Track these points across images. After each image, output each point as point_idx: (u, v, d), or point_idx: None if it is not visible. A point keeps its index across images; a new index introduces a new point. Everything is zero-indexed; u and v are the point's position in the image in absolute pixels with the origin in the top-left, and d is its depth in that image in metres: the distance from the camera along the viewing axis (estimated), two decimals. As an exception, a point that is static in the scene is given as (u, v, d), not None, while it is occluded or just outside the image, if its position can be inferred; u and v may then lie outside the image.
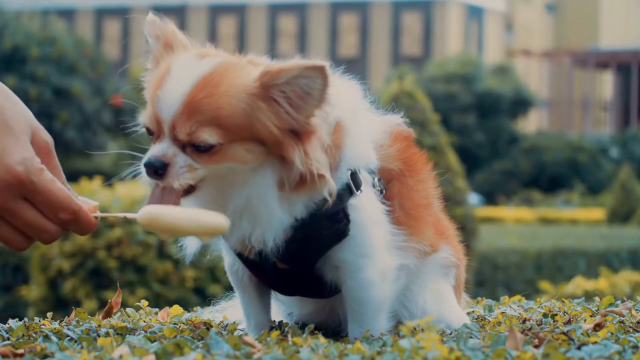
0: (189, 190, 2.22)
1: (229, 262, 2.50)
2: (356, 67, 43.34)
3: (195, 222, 2.17)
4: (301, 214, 2.27)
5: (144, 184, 2.26)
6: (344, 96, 2.31)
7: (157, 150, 2.21)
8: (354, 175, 2.33)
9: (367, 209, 2.35)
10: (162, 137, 2.21)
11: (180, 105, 2.17)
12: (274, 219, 2.25)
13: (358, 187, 2.33)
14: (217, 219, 2.18)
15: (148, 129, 2.25)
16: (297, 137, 2.20)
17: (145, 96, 2.29)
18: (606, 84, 51.79)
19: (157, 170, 2.19)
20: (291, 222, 2.27)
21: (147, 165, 2.20)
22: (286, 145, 2.19)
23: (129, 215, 2.24)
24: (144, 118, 2.26)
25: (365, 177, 2.36)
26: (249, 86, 2.19)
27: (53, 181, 2.16)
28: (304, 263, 2.36)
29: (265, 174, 2.23)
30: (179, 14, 50.63)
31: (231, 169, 2.21)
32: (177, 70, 2.22)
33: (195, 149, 2.18)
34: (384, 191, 2.40)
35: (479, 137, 37.69)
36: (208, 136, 2.16)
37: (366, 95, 2.45)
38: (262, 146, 2.20)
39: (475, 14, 51.59)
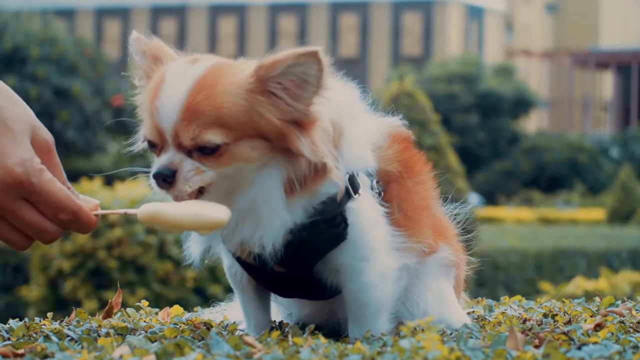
0: (199, 192, 2.21)
1: (227, 264, 2.50)
2: (356, 67, 43.29)
3: (194, 216, 2.16)
4: (301, 218, 2.26)
5: (155, 194, 2.25)
6: (341, 98, 2.30)
7: (163, 160, 2.20)
8: (351, 178, 2.32)
9: (366, 212, 2.34)
10: (165, 147, 2.20)
11: (180, 112, 2.16)
12: (276, 222, 2.24)
13: (356, 190, 2.32)
14: (217, 213, 2.17)
15: (150, 142, 2.24)
16: (301, 127, 2.19)
17: (142, 110, 2.28)
18: (606, 84, 51.73)
19: (166, 178, 2.18)
20: (291, 227, 2.26)
21: (156, 176, 2.19)
22: (291, 137, 2.18)
23: (130, 211, 2.23)
24: (144, 131, 2.25)
25: (363, 180, 2.35)
26: (245, 82, 2.18)
27: (53, 182, 2.16)
28: (302, 267, 2.36)
29: (271, 173, 2.22)
30: (179, 14, 50.57)
31: (238, 169, 2.20)
32: (171, 77, 2.21)
33: (201, 152, 2.17)
34: (382, 193, 2.40)
35: (480, 137, 37.65)
36: (212, 136, 2.15)
37: (364, 97, 2.44)
38: (267, 142, 2.19)
39: (475, 14, 51.54)
